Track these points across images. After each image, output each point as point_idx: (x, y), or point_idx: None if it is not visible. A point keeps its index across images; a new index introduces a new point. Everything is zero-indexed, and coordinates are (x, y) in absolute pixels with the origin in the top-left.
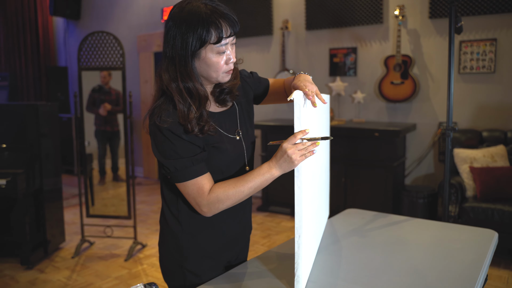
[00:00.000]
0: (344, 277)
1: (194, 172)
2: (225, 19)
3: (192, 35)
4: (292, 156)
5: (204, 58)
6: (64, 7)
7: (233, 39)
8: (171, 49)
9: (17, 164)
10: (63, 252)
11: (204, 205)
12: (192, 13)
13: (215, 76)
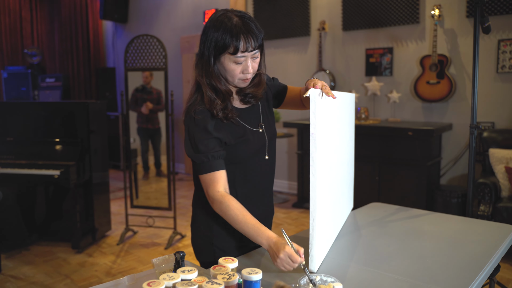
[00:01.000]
0: (356, 260)
1: (209, 167)
2: (248, 35)
3: (216, 41)
4: (278, 260)
5: (223, 63)
6: (112, 11)
7: (255, 53)
8: (202, 47)
9: (69, 157)
10: (109, 239)
11: (211, 198)
12: (223, 21)
13: (231, 80)
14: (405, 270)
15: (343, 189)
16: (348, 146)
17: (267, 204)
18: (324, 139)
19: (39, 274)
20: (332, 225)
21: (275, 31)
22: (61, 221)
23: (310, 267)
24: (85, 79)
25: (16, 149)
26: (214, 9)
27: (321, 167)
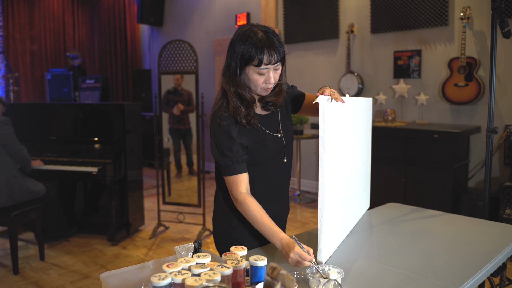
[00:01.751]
0: (364, 254)
1: (233, 170)
2: (271, 49)
3: (242, 53)
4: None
5: (248, 73)
6: (149, 15)
7: (277, 65)
8: (229, 58)
9: (106, 155)
10: (142, 233)
11: (234, 198)
12: (249, 36)
13: (254, 89)
14: (408, 265)
15: (357, 189)
16: (364, 149)
17: (283, 203)
18: (333, 141)
19: (77, 263)
20: (343, 222)
21: (304, 34)
22: (98, 215)
23: (318, 259)
24: (123, 80)
25: (58, 147)
26: (245, 12)
27: (329, 167)
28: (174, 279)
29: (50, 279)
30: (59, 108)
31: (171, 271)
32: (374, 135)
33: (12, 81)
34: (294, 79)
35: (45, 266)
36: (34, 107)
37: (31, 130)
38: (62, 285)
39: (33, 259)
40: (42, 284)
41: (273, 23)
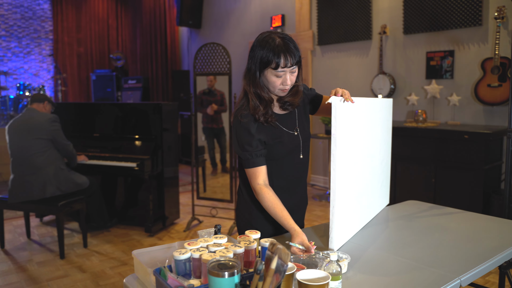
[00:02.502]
0: (375, 245)
1: (253, 163)
2: (287, 53)
3: (261, 58)
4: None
5: (266, 75)
6: (188, 18)
7: (293, 68)
8: (250, 62)
9: (145, 151)
10: (177, 226)
11: (253, 188)
12: (267, 41)
13: (272, 90)
14: (415, 255)
15: (374, 185)
16: (382, 147)
17: (300, 195)
18: (345, 139)
19: (117, 252)
20: (357, 215)
21: (337, 36)
22: (136, 208)
23: (330, 247)
24: (163, 80)
25: (101, 144)
26: (280, 14)
27: (341, 163)
28: (193, 254)
29: (92, 265)
30: (102, 107)
31: (191, 248)
32: (405, 136)
33: (60, 82)
34: (327, 80)
35: (88, 252)
36: (80, 106)
37: (77, 127)
38: (102, 270)
39: (77, 246)
40: (85, 268)
41: (307, 24)
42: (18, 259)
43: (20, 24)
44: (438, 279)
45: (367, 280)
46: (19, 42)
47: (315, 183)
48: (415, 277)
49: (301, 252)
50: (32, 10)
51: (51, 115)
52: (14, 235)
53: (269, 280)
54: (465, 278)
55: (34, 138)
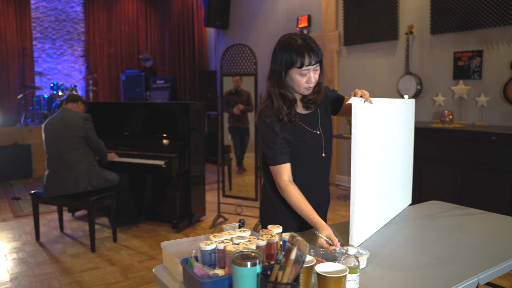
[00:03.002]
0: (394, 242)
1: (277, 160)
2: (310, 52)
3: (285, 58)
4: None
5: (291, 75)
6: (215, 19)
7: (316, 67)
8: (273, 64)
9: (172, 150)
10: (203, 223)
11: (278, 185)
12: (290, 42)
13: (297, 89)
14: (433, 253)
15: (395, 184)
16: (404, 147)
17: (323, 193)
18: (365, 138)
19: (145, 246)
20: (377, 213)
21: (364, 36)
22: (164, 205)
23: (350, 243)
24: (190, 81)
25: (130, 142)
26: (306, 15)
27: (360, 161)
28: (217, 246)
29: (121, 258)
30: (132, 106)
31: (216, 240)
32: (431, 137)
33: (91, 82)
34: (352, 80)
35: (117, 247)
36: (111, 105)
37: (107, 126)
38: (131, 263)
39: (107, 241)
40: (115, 261)
41: (333, 25)
42: (52, 251)
43: (54, 26)
44: (456, 276)
45: (385, 275)
46: (53, 43)
47: (340, 183)
48: (433, 273)
49: (328, 245)
50: (65, 12)
51: (84, 114)
52: (48, 228)
53: (288, 270)
54: (483, 277)
55: (68, 135)
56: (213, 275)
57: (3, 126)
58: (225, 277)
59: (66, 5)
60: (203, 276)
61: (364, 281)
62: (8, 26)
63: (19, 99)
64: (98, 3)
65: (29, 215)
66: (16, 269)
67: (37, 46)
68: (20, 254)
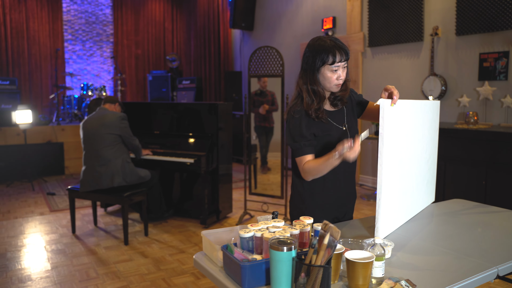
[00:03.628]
0: (418, 236)
1: (302, 152)
2: (340, 50)
3: (318, 57)
4: (349, 156)
5: (323, 72)
6: (240, 21)
7: (344, 64)
8: (305, 64)
9: (201, 148)
10: (230, 220)
11: (302, 172)
12: (320, 43)
13: (328, 86)
14: (456, 246)
15: (419, 182)
16: (428, 147)
17: (349, 188)
18: (391, 138)
19: (175, 241)
20: (402, 208)
21: (388, 37)
22: (191, 202)
23: (376, 235)
24: (215, 81)
25: (160, 141)
26: (331, 17)
27: (387, 159)
28: (255, 233)
29: (153, 251)
30: (162, 106)
31: (253, 228)
32: (455, 137)
33: (119, 82)
34: (377, 81)
35: (148, 240)
36: (142, 105)
37: (139, 125)
38: (162, 256)
39: (139, 235)
40: (147, 254)
41: (358, 26)
42: (88, 243)
43: (84, 28)
44: (476, 267)
45: (409, 264)
46: (83, 45)
47: (364, 183)
48: (454, 264)
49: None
50: (95, 15)
51: (121, 114)
52: (82, 222)
53: (321, 254)
54: (503, 268)
55: (105, 133)
56: (252, 259)
57: (38, 124)
58: (263, 261)
59: (96, 8)
60: (242, 260)
61: (389, 270)
62: (41, 29)
63: (51, 99)
64: (126, 6)
65: (64, 210)
66: (55, 259)
67: (68, 48)
68: (58, 245)
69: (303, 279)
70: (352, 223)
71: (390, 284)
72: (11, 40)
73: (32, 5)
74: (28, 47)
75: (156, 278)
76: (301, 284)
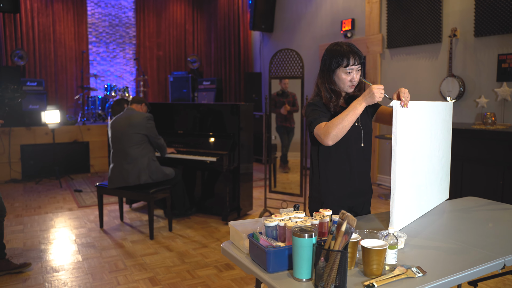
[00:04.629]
0: (430, 229)
1: (319, 121)
2: (354, 55)
3: (334, 60)
4: (375, 92)
5: (338, 74)
6: (260, 22)
7: (358, 67)
8: (323, 65)
9: (222, 148)
10: (250, 217)
11: (323, 134)
12: (337, 48)
13: (342, 86)
14: (466, 239)
15: (432, 179)
16: (441, 146)
17: (364, 181)
18: (404, 136)
19: (197, 236)
20: (415, 203)
21: (407, 39)
22: (212, 199)
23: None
24: (235, 82)
25: (184, 140)
26: (350, 18)
27: (400, 156)
28: (279, 223)
29: (177, 245)
30: (185, 107)
31: (277, 218)
32: (473, 137)
33: (141, 83)
34: (395, 82)
35: (172, 235)
36: (166, 106)
37: (163, 124)
38: (186, 250)
39: (163, 230)
40: (171, 248)
41: (377, 28)
42: (115, 237)
43: (108, 31)
44: (484, 257)
45: (420, 254)
46: (106, 47)
47: (382, 183)
48: (463, 254)
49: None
50: (118, 18)
51: (147, 114)
52: (109, 218)
53: (339, 240)
54: (510, 259)
55: (132, 132)
56: (276, 246)
57: (65, 124)
58: (286, 247)
59: (119, 11)
60: (267, 247)
61: (401, 258)
62: (67, 31)
63: (76, 99)
64: (148, 8)
65: (91, 206)
66: (85, 252)
67: (92, 50)
68: (87, 239)
69: (323, 263)
70: (369, 217)
71: (402, 270)
72: (38, 43)
73: (58, 9)
74: (54, 49)
75: (181, 270)
76: (321, 268)
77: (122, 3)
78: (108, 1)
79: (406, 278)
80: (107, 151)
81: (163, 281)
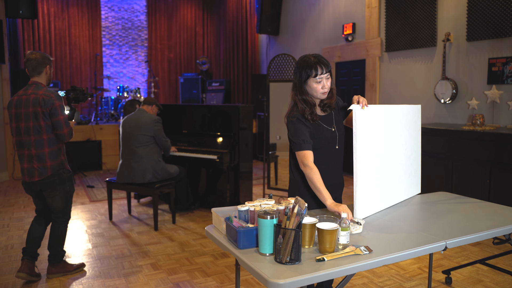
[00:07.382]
0: (389, 217)
1: (304, 147)
2: (322, 65)
3: (304, 71)
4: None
5: (310, 84)
6: (267, 26)
7: (327, 75)
8: (295, 78)
9: (224, 146)
10: None
11: (307, 166)
12: (305, 60)
13: (315, 95)
14: (419, 226)
15: (400, 174)
16: (408, 144)
17: (337, 177)
18: (364, 136)
19: (199, 228)
20: (378, 195)
21: (404, 43)
22: (216, 195)
23: (354, 217)
24: (243, 83)
25: (188, 139)
26: (351, 23)
27: (361, 153)
28: (249, 208)
29: (179, 236)
30: (189, 108)
31: (249, 204)
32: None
33: (153, 84)
34: (393, 84)
35: (175, 227)
36: (171, 107)
37: (169, 124)
38: (187, 240)
39: (167, 222)
40: (174, 238)
41: (376, 32)
42: (123, 228)
43: (121, 34)
44: (428, 240)
45: (374, 237)
46: (119, 49)
47: None
48: (411, 237)
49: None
50: (131, 21)
51: (156, 117)
52: (118, 211)
53: (292, 220)
54: (451, 242)
55: (140, 134)
56: (246, 226)
57: (79, 124)
58: (254, 228)
59: (132, 15)
60: (238, 227)
61: (356, 240)
62: (82, 35)
63: (89, 100)
64: (160, 12)
65: (102, 200)
66: (95, 240)
67: (105, 52)
68: (98, 229)
69: (280, 240)
70: None
71: (352, 248)
72: (54, 46)
73: (74, 13)
74: (69, 52)
75: (181, 257)
76: (279, 244)
77: (135, 7)
78: (121, 5)
79: (353, 255)
80: (118, 150)
81: (164, 266)
